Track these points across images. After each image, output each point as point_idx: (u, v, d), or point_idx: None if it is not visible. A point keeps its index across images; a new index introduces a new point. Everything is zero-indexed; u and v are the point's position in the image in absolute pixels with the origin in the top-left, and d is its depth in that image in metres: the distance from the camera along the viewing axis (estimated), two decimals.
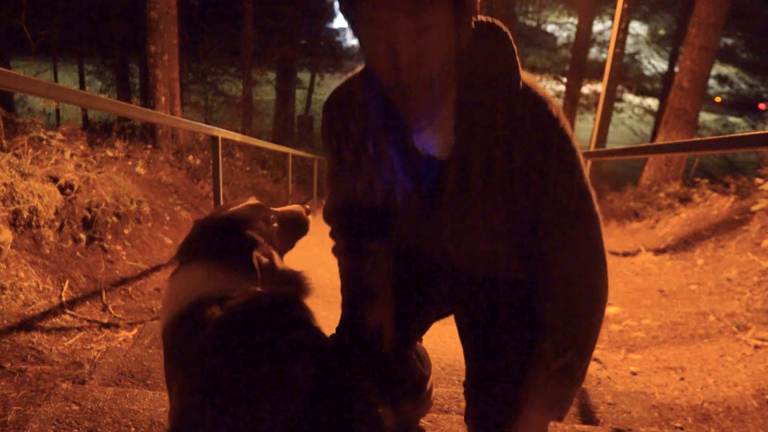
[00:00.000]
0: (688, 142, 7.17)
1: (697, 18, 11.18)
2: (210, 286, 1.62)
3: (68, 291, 4.15)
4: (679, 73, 11.77)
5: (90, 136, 7.73)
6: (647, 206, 9.56)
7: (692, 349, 3.99)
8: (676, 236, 7.33)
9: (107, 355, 3.32)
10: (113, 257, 4.91)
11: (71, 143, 6.19)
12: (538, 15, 27.47)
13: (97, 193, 5.13)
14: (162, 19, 9.85)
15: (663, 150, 7.79)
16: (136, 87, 20.01)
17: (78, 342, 3.59)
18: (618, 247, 7.69)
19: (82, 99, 3.14)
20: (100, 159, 6.53)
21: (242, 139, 6.69)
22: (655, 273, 6.16)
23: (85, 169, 5.45)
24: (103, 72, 22.99)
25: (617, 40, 10.91)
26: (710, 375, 3.54)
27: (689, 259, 6.24)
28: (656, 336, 4.35)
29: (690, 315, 4.59)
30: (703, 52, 11.21)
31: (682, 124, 11.51)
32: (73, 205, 4.76)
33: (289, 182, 10.86)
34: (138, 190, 6.11)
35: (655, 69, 27.12)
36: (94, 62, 23.04)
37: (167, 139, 10.12)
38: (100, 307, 4.18)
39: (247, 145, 13.42)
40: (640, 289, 5.62)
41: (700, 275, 5.63)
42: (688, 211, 8.12)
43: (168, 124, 9.35)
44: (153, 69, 10.00)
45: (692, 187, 9.42)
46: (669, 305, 4.97)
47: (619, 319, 4.81)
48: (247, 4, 18.30)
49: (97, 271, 4.59)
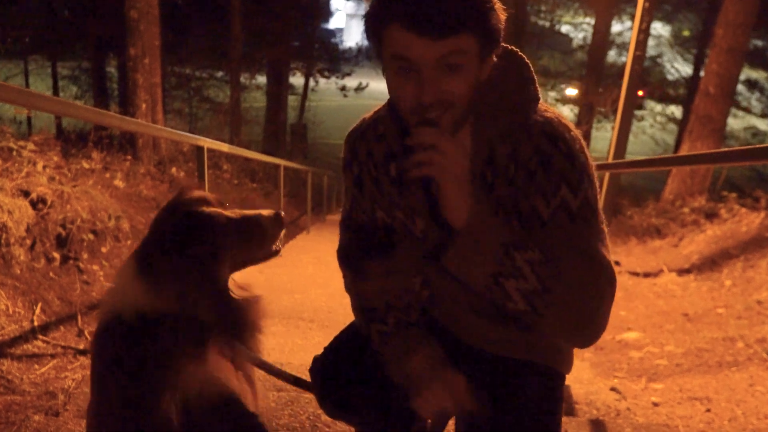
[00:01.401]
0: (714, 152, 7.19)
1: (725, 17, 11.21)
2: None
3: (41, 315, 4.16)
4: (704, 78, 11.81)
5: (64, 147, 7.75)
6: (670, 222, 9.57)
7: (719, 378, 4.00)
8: (701, 255, 7.35)
9: (83, 384, 3.33)
10: (90, 278, 4.92)
11: (44, 154, 6.22)
12: (551, 15, 27.52)
13: (72, 208, 5.15)
14: (142, 19, 9.91)
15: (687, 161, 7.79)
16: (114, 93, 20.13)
17: (51, 370, 3.60)
18: (638, 267, 7.70)
19: (56, 106, 3.17)
20: (75, 171, 6.56)
21: (230, 150, 6.71)
22: (679, 295, 6.18)
23: (59, 182, 5.48)
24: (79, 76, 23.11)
25: (637, 41, 10.93)
26: (739, 406, 3.56)
27: (716, 280, 6.25)
28: (680, 364, 4.36)
29: (717, 341, 4.60)
30: (730, 55, 11.23)
31: (707, 133, 11.52)
32: (45, 222, 4.79)
33: (281, 196, 10.87)
34: (116, 205, 6.14)
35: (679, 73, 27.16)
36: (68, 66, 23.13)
37: (148, 149, 10.16)
38: (75, 332, 4.19)
39: (236, 156, 13.46)
40: (663, 313, 5.64)
41: (728, 297, 5.64)
42: (714, 228, 8.14)
43: (149, 134, 9.39)
44: (133, 73, 10.05)
45: (719, 201, 9.44)
46: (694, 330, 4.99)
47: (639, 345, 4.82)
48: (235, 2, 18.38)
49: (72, 293, 4.60)
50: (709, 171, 11.70)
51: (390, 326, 1.86)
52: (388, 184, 1.81)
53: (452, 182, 1.45)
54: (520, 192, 1.59)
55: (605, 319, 1.56)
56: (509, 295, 1.50)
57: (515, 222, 1.62)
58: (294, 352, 4.43)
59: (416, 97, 1.49)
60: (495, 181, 1.63)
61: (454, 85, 1.48)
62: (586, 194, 1.56)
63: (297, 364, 3.49)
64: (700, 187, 11.49)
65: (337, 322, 4.98)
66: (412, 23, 1.42)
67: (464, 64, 1.47)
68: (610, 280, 1.54)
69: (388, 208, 1.84)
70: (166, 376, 1.61)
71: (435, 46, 1.42)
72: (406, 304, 1.89)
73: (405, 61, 1.47)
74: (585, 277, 1.50)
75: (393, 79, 1.56)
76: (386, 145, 1.80)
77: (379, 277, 1.91)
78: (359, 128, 1.90)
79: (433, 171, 1.44)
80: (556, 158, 1.55)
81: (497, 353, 1.82)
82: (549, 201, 1.55)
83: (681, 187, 11.65)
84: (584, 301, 1.51)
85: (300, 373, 2.03)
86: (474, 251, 1.49)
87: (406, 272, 1.91)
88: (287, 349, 4.48)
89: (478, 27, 1.44)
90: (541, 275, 1.47)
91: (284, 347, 4.50)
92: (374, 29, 1.54)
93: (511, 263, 1.47)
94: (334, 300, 5.89)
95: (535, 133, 1.58)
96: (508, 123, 1.60)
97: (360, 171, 1.88)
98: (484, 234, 1.48)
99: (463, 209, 1.47)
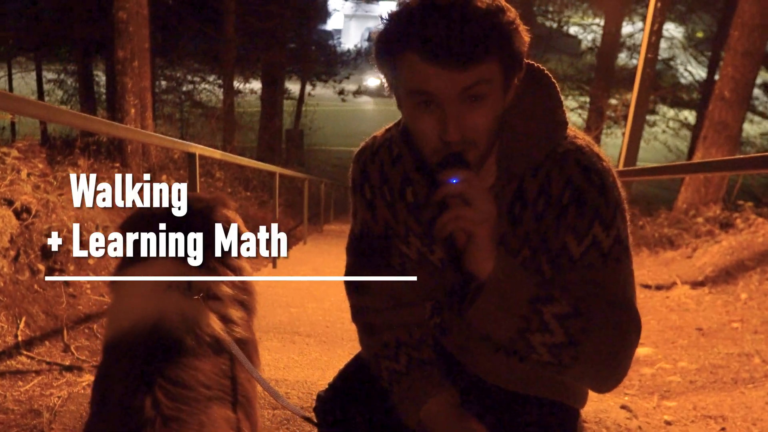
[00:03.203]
0: (729, 159, 7.21)
1: (741, 19, 11.21)
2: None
3: (25, 329, 4.17)
4: (719, 82, 11.82)
5: (50, 154, 7.77)
6: (683, 233, 9.58)
7: (734, 395, 4.01)
8: (716, 267, 7.35)
9: (69, 402, 3.34)
10: (76, 291, 4.93)
11: (28, 161, 6.23)
12: (559, 15, 27.51)
13: (58, 218, 5.16)
14: (131, 21, 9.94)
15: (701, 169, 7.83)
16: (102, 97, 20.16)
17: (36, 387, 3.61)
18: (650, 280, 7.70)
19: (41, 111, 3.18)
20: (61, 179, 6.57)
21: (222, 157, 6.74)
22: (693, 309, 6.18)
23: (45, 190, 5.49)
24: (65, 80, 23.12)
25: (649, 43, 10.97)
26: (755, 425, 3.56)
27: (731, 293, 6.26)
28: (693, 380, 4.37)
29: (732, 357, 4.61)
30: (747, 58, 11.23)
31: (722, 140, 11.52)
32: (30, 232, 4.79)
33: (276, 205, 10.87)
34: (104, 215, 6.14)
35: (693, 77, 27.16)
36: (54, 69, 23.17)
37: (137, 156, 10.18)
38: (61, 347, 4.19)
39: (229, 164, 13.48)
40: (676, 327, 5.64)
41: (744, 311, 5.65)
42: (729, 239, 8.14)
43: (138, 140, 9.40)
44: (121, 77, 10.08)
45: (735, 211, 9.44)
46: (708, 345, 4.99)
47: (651, 361, 4.83)
48: (228, 3, 18.42)
49: (58, 307, 4.61)
50: (724, 179, 11.69)
51: (401, 365, 1.78)
52: (405, 210, 1.76)
53: (481, 236, 1.42)
54: (549, 228, 1.57)
55: (628, 366, 1.57)
56: (534, 348, 1.48)
57: (542, 258, 1.60)
58: (290, 368, 4.43)
59: (439, 134, 1.44)
60: (523, 215, 1.59)
61: (480, 119, 1.43)
62: (619, 231, 1.54)
63: (293, 381, 3.50)
64: (715, 196, 11.48)
65: (336, 337, 4.99)
66: (431, 54, 1.36)
67: (489, 93, 1.42)
68: (637, 329, 1.54)
69: (403, 236, 1.79)
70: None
71: (457, 77, 1.37)
72: (418, 340, 1.82)
73: (424, 95, 1.42)
74: (614, 330, 1.50)
75: (410, 113, 1.50)
76: (402, 169, 1.75)
77: (390, 309, 1.86)
78: (370, 147, 1.85)
79: (461, 225, 1.41)
80: (590, 193, 1.53)
81: (511, 389, 1.80)
82: (581, 239, 1.53)
83: (695, 196, 11.64)
84: (611, 353, 1.50)
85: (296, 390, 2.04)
86: (499, 307, 1.46)
87: (419, 303, 1.86)
88: (282, 365, 4.48)
89: (503, 51, 1.40)
90: (569, 329, 1.45)
91: (279, 363, 4.50)
92: (386, 59, 1.48)
93: (538, 319, 1.45)
94: (332, 314, 5.89)
95: (567, 164, 1.55)
96: (537, 154, 1.56)
97: (373, 195, 1.83)
98: (511, 289, 1.45)
99: (489, 262, 1.44)
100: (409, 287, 1.83)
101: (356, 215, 1.92)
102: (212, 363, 1.71)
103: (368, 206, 1.85)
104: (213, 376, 1.68)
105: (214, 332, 1.77)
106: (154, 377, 1.57)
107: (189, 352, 1.68)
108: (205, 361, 1.69)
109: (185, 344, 1.69)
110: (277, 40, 22.94)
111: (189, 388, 1.58)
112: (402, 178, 1.76)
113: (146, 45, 10.35)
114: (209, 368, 1.69)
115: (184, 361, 1.65)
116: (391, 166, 1.78)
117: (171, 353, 1.66)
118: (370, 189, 1.83)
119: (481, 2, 1.36)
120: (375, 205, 1.83)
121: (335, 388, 1.98)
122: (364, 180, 1.84)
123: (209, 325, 1.77)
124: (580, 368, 1.50)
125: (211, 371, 1.69)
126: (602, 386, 1.60)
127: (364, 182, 1.84)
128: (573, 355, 1.47)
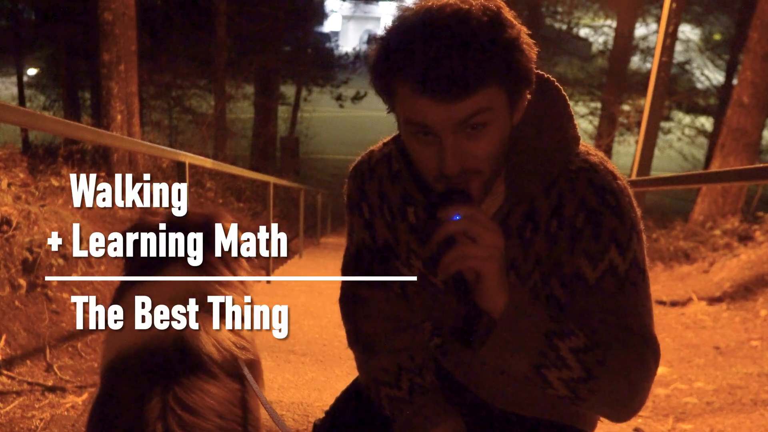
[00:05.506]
0: (748, 169, 7.21)
1: (760, 20, 11.22)
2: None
3: (5, 348, 4.18)
4: (738, 87, 11.84)
5: (31, 162, 7.81)
6: (700, 246, 9.59)
7: (754, 417, 4.01)
8: (734, 282, 7.36)
9: (52, 424, 3.34)
10: (59, 307, 4.94)
11: (9, 170, 6.25)
12: (569, 17, 27.58)
13: (40, 230, 5.17)
14: (118, 22, 9.96)
15: (719, 178, 7.82)
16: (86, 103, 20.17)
17: (17, 409, 3.61)
18: (665, 295, 7.71)
19: (22, 117, 3.18)
20: (43, 189, 6.59)
21: (214, 166, 6.75)
22: (710, 326, 6.19)
23: (26, 201, 5.50)
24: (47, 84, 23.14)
25: (664, 46, 10.96)
26: None
27: (750, 310, 6.26)
28: (711, 402, 4.37)
29: (751, 376, 4.61)
30: (767, 61, 11.27)
31: (741, 148, 11.52)
32: (10, 245, 4.81)
33: (270, 217, 10.89)
34: (89, 227, 6.16)
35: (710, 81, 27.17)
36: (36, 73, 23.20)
37: (124, 165, 10.19)
38: (43, 366, 4.20)
39: (220, 173, 13.49)
40: (692, 346, 5.65)
41: (764, 329, 5.65)
42: (749, 252, 8.15)
43: (125, 148, 9.41)
44: (107, 81, 10.10)
45: (754, 223, 9.46)
46: (726, 365, 5.00)
47: (666, 381, 4.83)
48: (219, 4, 18.45)
49: (40, 324, 4.62)
50: (742, 189, 11.69)
51: (404, 391, 1.74)
52: (406, 231, 1.75)
53: (489, 271, 1.39)
54: (563, 251, 1.55)
55: (646, 396, 1.55)
56: (551, 384, 1.47)
57: (555, 282, 1.59)
58: (285, 389, 4.43)
59: (438, 165, 1.41)
60: (534, 238, 1.58)
61: (482, 147, 1.41)
62: (635, 254, 1.53)
63: (287, 403, 3.50)
64: (733, 207, 11.47)
65: (333, 356, 5.00)
66: (424, 87, 1.32)
67: (491, 120, 1.39)
68: (655, 357, 1.53)
69: (405, 257, 1.78)
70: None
71: (452, 109, 1.33)
72: (420, 364, 1.79)
73: (421, 126, 1.40)
74: (632, 360, 1.48)
75: (408, 141, 1.49)
76: (402, 187, 1.73)
77: (389, 332, 1.84)
78: (367, 162, 1.83)
79: (467, 264, 1.38)
80: (605, 215, 1.51)
81: (517, 411, 1.78)
82: (596, 264, 1.52)
83: (712, 207, 11.64)
84: (629, 384, 1.49)
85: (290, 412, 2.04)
86: (514, 344, 1.44)
87: (420, 326, 1.84)
88: (276, 385, 4.48)
89: (505, 75, 1.36)
90: (586, 363, 1.44)
91: (273, 384, 4.50)
92: (380, 86, 1.47)
93: (554, 354, 1.43)
94: (329, 332, 5.89)
95: (580, 184, 1.53)
96: (549, 173, 1.54)
97: (371, 215, 1.81)
98: (526, 325, 1.43)
99: (500, 296, 1.41)
100: (410, 309, 1.83)
101: (352, 235, 1.90)
102: (226, 388, 1.69)
103: (366, 226, 1.83)
104: (227, 404, 1.66)
105: (230, 350, 1.77)
106: (167, 400, 1.54)
107: (202, 373, 1.67)
108: (218, 385, 1.68)
109: (199, 364, 1.68)
110: (271, 42, 22.99)
111: (203, 418, 1.56)
112: (402, 197, 1.74)
113: (133, 48, 10.37)
114: (223, 394, 1.67)
115: (197, 384, 1.63)
116: (390, 184, 1.76)
117: (183, 374, 1.64)
118: (368, 207, 1.81)
119: (478, 21, 1.32)
120: (374, 224, 1.81)
121: (333, 416, 1.95)
122: (361, 198, 1.83)
123: (222, 343, 1.77)
124: (596, 400, 1.49)
125: (225, 398, 1.66)
126: (618, 416, 1.58)
127: (362, 200, 1.83)
128: (590, 388, 1.46)
